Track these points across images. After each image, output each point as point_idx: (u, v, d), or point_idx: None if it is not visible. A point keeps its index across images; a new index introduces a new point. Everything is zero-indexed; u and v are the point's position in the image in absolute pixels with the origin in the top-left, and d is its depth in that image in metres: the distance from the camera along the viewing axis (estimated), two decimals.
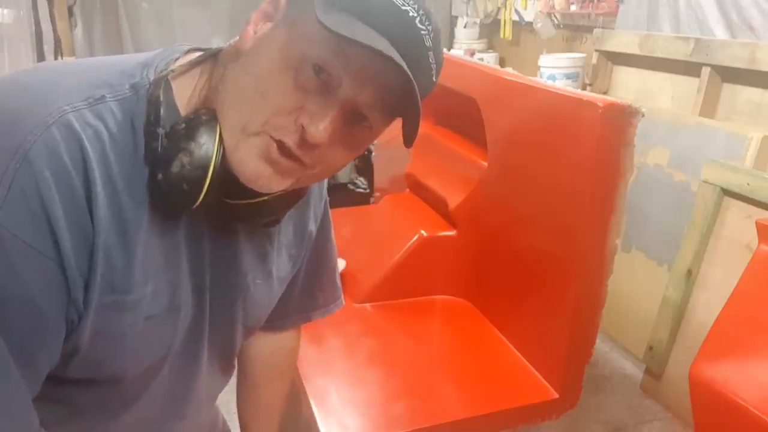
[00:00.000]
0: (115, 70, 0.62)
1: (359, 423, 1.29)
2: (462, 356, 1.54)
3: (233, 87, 0.60)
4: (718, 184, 1.84)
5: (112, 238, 0.58)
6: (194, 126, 0.59)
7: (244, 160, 0.60)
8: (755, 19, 2.08)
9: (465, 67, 1.83)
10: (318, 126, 0.57)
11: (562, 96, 1.36)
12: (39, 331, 0.57)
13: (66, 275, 0.56)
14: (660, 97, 2.46)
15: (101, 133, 0.57)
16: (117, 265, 0.59)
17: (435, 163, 1.94)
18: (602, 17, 2.76)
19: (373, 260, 1.78)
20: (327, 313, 0.98)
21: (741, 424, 1.18)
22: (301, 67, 0.57)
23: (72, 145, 0.55)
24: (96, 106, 0.58)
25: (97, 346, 0.62)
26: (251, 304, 0.79)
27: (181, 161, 0.58)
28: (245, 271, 0.75)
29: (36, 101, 0.56)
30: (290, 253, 0.83)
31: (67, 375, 0.64)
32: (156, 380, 0.72)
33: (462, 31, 3.77)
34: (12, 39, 2.38)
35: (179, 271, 0.67)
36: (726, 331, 1.33)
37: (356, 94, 0.58)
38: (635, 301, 2.16)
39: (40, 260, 0.55)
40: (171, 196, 0.60)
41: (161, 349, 0.69)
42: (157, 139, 0.59)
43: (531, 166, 1.49)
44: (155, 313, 0.65)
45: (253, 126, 0.59)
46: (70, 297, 0.58)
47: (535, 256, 1.48)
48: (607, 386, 2.15)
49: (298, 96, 0.58)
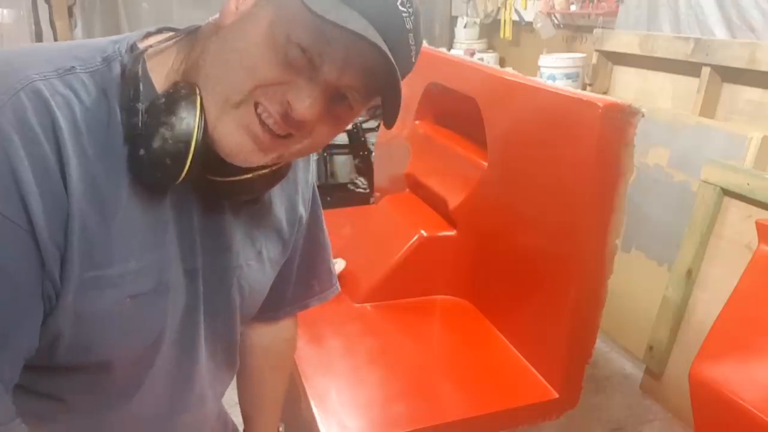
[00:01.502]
0: (87, 47, 0.62)
1: (359, 423, 1.29)
2: (462, 356, 1.54)
3: (216, 60, 0.60)
4: (718, 184, 1.84)
5: (87, 208, 0.57)
6: (175, 100, 0.59)
7: (226, 133, 0.60)
8: (755, 19, 2.08)
9: (465, 67, 1.84)
10: (304, 102, 0.58)
11: (562, 96, 1.36)
12: (13, 306, 0.56)
13: (38, 244, 0.55)
14: (660, 97, 2.46)
15: (71, 101, 0.57)
16: (94, 237, 0.58)
17: (435, 163, 1.94)
18: (602, 17, 2.76)
19: (373, 260, 1.78)
20: (323, 300, 0.98)
21: (741, 424, 1.18)
22: (287, 46, 0.58)
23: (41, 111, 0.54)
24: (65, 76, 0.57)
25: (82, 328, 0.61)
26: (246, 287, 0.78)
27: (162, 135, 0.58)
28: (236, 253, 0.74)
29: (6, 72, 0.56)
30: (281, 236, 0.83)
31: (56, 362, 0.62)
32: (152, 370, 0.70)
33: (462, 31, 3.77)
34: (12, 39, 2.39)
35: (167, 250, 0.66)
36: (726, 331, 1.33)
37: (338, 77, 0.59)
38: (635, 301, 2.16)
39: (9, 227, 0.53)
40: (154, 172, 0.59)
41: (151, 332, 0.67)
42: (136, 115, 0.58)
43: (531, 166, 1.48)
44: (140, 291, 0.63)
45: (236, 95, 0.59)
46: (45, 269, 0.56)
47: (535, 256, 1.48)
48: (607, 386, 2.16)
49: (284, 72, 0.58)
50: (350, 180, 3.70)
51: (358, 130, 3.49)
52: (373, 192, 2.61)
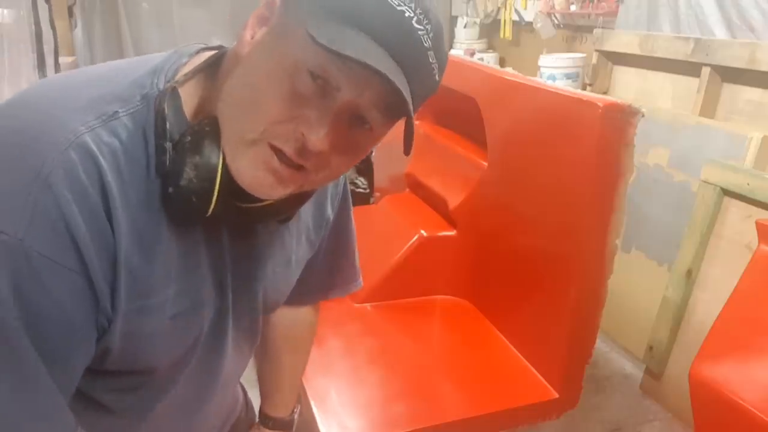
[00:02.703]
0: (126, 80, 0.62)
1: (359, 423, 1.29)
2: (462, 356, 1.54)
3: (230, 97, 0.61)
4: (718, 184, 1.84)
5: (132, 248, 0.60)
6: (198, 138, 0.60)
7: (244, 170, 0.60)
8: (755, 19, 2.08)
9: (465, 67, 1.83)
10: (318, 133, 0.57)
11: (562, 96, 1.36)
12: (71, 338, 0.60)
13: (93, 287, 0.59)
14: (660, 97, 2.46)
15: (116, 149, 0.58)
16: (138, 273, 0.61)
17: (435, 163, 1.94)
18: (602, 17, 2.76)
19: (373, 260, 1.78)
20: (346, 292, 1.01)
21: (741, 424, 1.18)
22: (297, 74, 0.57)
23: (88, 165, 0.56)
24: (111, 122, 0.59)
25: (129, 345, 0.65)
26: (272, 291, 0.82)
27: (188, 175, 0.60)
28: (265, 262, 0.77)
29: (49, 121, 0.57)
30: (309, 239, 0.86)
31: (104, 368, 0.67)
32: (186, 369, 0.75)
33: (462, 31, 3.77)
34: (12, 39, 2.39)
35: (200, 271, 0.69)
36: (726, 331, 1.33)
37: (355, 98, 0.58)
38: (635, 301, 2.16)
39: (68, 275, 0.57)
40: (182, 208, 0.62)
41: (188, 342, 0.72)
42: (165, 153, 0.60)
43: (531, 166, 1.49)
44: (179, 311, 0.67)
45: (250, 135, 0.59)
46: (99, 306, 0.60)
47: (535, 256, 1.48)
48: (607, 386, 2.15)
49: (295, 103, 0.57)
50: (350, 180, 3.70)
51: None
52: (373, 192, 2.61)
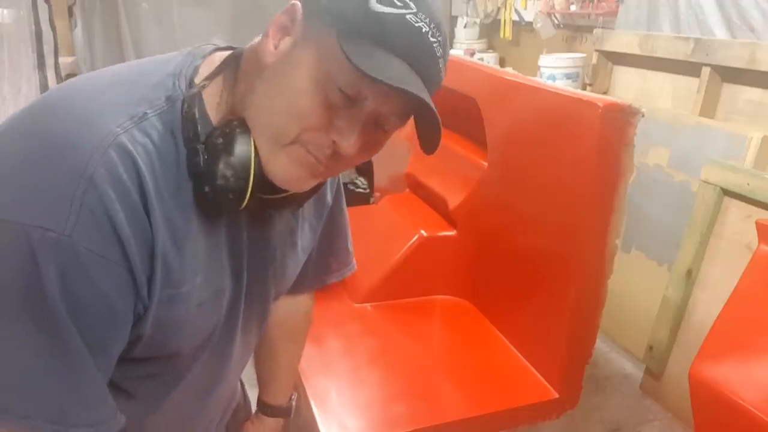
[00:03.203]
0: (149, 82, 0.67)
1: (359, 423, 1.29)
2: (462, 356, 1.54)
3: (264, 103, 0.66)
4: (718, 184, 1.84)
5: (166, 242, 0.65)
6: (231, 139, 0.66)
7: (283, 168, 0.67)
8: (755, 19, 2.08)
9: (465, 67, 1.83)
10: (349, 141, 0.65)
11: (562, 96, 1.36)
12: (113, 327, 0.65)
13: (134, 277, 0.64)
14: (660, 97, 2.46)
15: (149, 148, 0.63)
16: (171, 265, 0.67)
17: (435, 163, 1.94)
18: (602, 17, 2.76)
19: (373, 260, 1.78)
20: (340, 276, 1.05)
21: (741, 424, 1.18)
22: (329, 88, 0.63)
23: (128, 164, 0.61)
24: (141, 123, 0.63)
25: (158, 332, 0.70)
26: (281, 275, 0.87)
27: (224, 174, 0.65)
28: (274, 247, 0.83)
29: (86, 125, 0.61)
30: (312, 225, 0.92)
31: (132, 356, 0.71)
32: (204, 353, 0.80)
33: (462, 31, 3.77)
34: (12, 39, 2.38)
35: (221, 260, 0.75)
36: (726, 331, 1.33)
37: (380, 107, 0.65)
38: (635, 301, 2.16)
39: (113, 269, 0.62)
40: (218, 206, 0.68)
41: (210, 327, 0.78)
42: (198, 155, 0.65)
43: (531, 166, 1.49)
44: (205, 299, 0.73)
45: (286, 139, 0.65)
46: (138, 294, 0.65)
47: (535, 256, 1.48)
48: (607, 386, 2.15)
49: (327, 114, 0.64)
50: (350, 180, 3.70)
51: None
52: (373, 192, 2.61)
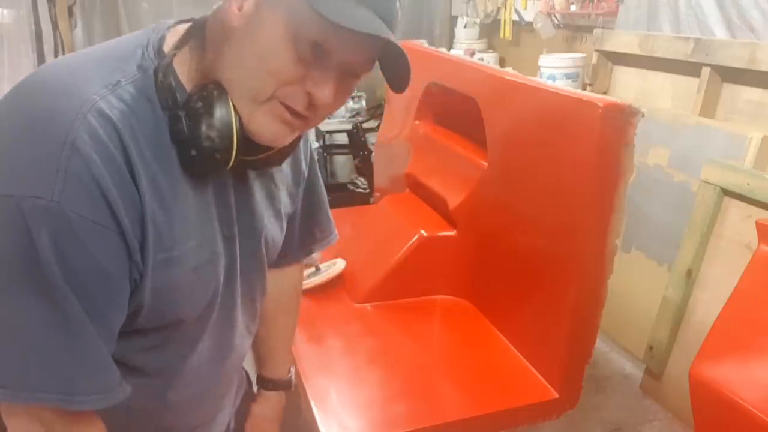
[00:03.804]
0: (119, 56, 0.70)
1: (359, 423, 1.29)
2: (462, 356, 1.54)
3: (237, 65, 0.68)
4: (718, 184, 1.84)
5: (154, 204, 0.67)
6: (210, 103, 0.68)
7: (263, 125, 0.70)
8: (755, 19, 2.08)
9: (465, 67, 1.84)
10: (324, 90, 0.68)
11: (562, 96, 1.36)
12: (110, 293, 0.67)
13: (126, 242, 0.66)
14: (660, 97, 2.46)
15: (125, 112, 0.65)
16: (161, 228, 0.68)
17: (435, 163, 1.94)
18: (602, 17, 2.76)
19: (373, 260, 1.78)
20: (325, 245, 1.10)
21: (741, 424, 1.18)
22: (299, 42, 0.66)
23: (108, 128, 0.63)
24: (116, 90, 0.66)
25: (158, 299, 0.72)
26: (270, 242, 0.90)
27: (209, 136, 0.68)
28: (261, 215, 0.86)
29: (64, 97, 0.63)
30: (290, 192, 0.95)
31: (137, 326, 0.74)
32: (210, 322, 0.82)
33: (462, 31, 3.77)
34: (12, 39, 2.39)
35: (213, 224, 0.77)
36: (726, 331, 1.33)
37: (352, 57, 0.68)
38: (635, 301, 2.16)
39: (104, 233, 0.63)
40: (206, 167, 0.70)
41: (210, 293, 0.79)
42: (180, 121, 0.68)
43: (531, 166, 1.49)
44: (200, 263, 0.75)
45: (263, 96, 0.68)
46: (132, 259, 0.67)
47: (535, 256, 1.48)
48: (607, 386, 2.15)
49: (300, 68, 0.67)
50: (350, 180, 3.70)
51: (358, 130, 3.49)
52: (373, 192, 2.61)
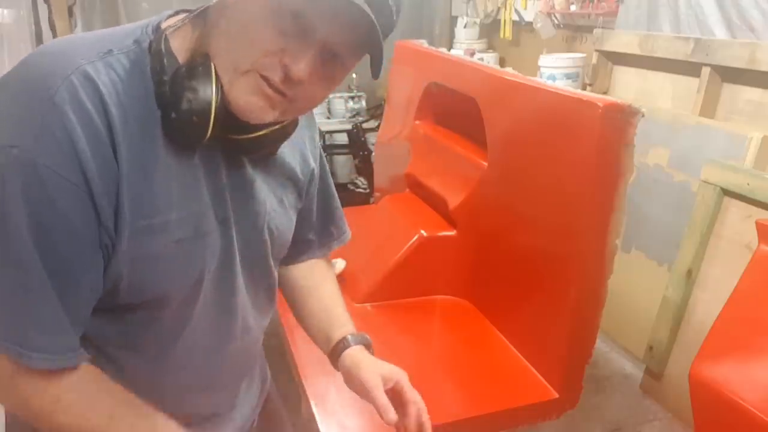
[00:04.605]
0: (119, 33, 0.73)
1: (359, 423, 1.29)
2: (462, 356, 1.54)
3: (224, 34, 0.70)
4: (718, 184, 1.84)
5: (133, 172, 0.68)
6: (193, 68, 0.69)
7: (239, 95, 0.70)
8: (755, 19, 2.08)
9: (465, 67, 1.84)
10: (299, 65, 0.68)
11: (562, 96, 1.36)
12: (76, 252, 0.67)
13: (95, 201, 0.66)
14: (660, 97, 2.46)
15: (114, 79, 0.67)
16: (140, 192, 0.69)
17: (435, 163, 1.94)
18: (602, 17, 2.76)
19: (373, 260, 1.78)
20: (342, 242, 1.11)
21: (741, 423, 1.18)
22: (281, 14, 0.67)
23: (90, 90, 0.65)
24: (106, 58, 0.68)
25: (138, 270, 0.72)
26: (275, 231, 0.89)
27: (188, 98, 0.68)
28: (263, 201, 0.85)
29: (56, 61, 0.66)
30: (296, 185, 0.94)
31: (118, 302, 0.74)
32: (197, 306, 0.81)
33: (462, 31, 3.77)
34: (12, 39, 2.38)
35: (201, 203, 0.77)
36: (726, 331, 1.33)
37: (330, 36, 0.68)
38: (635, 301, 2.16)
39: (72, 190, 0.64)
40: (184, 130, 0.70)
41: (194, 271, 0.78)
42: (164, 86, 0.69)
43: (531, 166, 1.49)
44: (183, 236, 0.74)
45: (243, 66, 0.69)
46: (101, 222, 0.67)
47: (535, 256, 1.48)
48: (607, 386, 2.16)
49: (279, 40, 0.67)
50: (350, 180, 3.70)
51: (358, 130, 3.49)
52: (373, 192, 2.62)
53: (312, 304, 1.05)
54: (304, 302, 1.05)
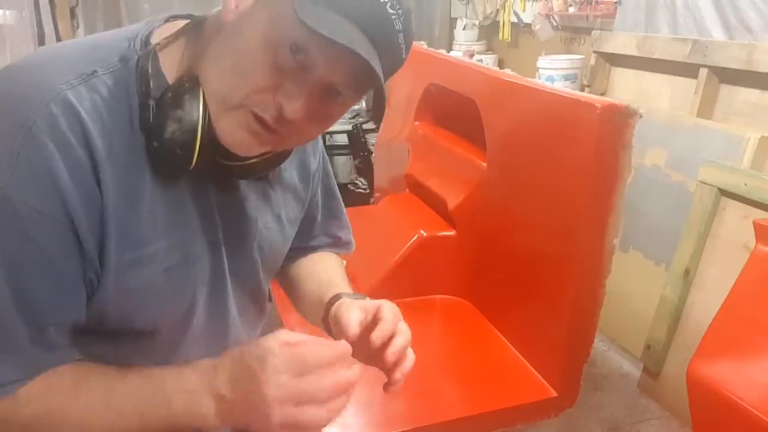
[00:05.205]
0: (104, 46, 0.67)
1: (359, 422, 1.29)
2: (461, 355, 1.55)
3: (216, 60, 0.65)
4: (715, 185, 1.85)
5: (119, 201, 0.64)
6: (179, 94, 0.64)
7: (226, 130, 0.65)
8: (753, 21, 2.09)
9: (464, 69, 1.85)
10: (294, 105, 0.63)
11: (561, 97, 1.37)
12: (59, 287, 0.63)
13: (78, 235, 0.62)
14: (658, 98, 2.47)
15: (98, 104, 0.62)
16: (127, 224, 0.65)
17: (434, 164, 1.95)
18: (600, 19, 2.77)
19: (373, 260, 1.79)
20: (349, 249, 1.06)
21: (738, 422, 1.19)
22: (279, 48, 0.62)
23: (71, 119, 0.60)
24: (89, 80, 0.63)
25: (125, 300, 0.68)
26: (266, 248, 0.85)
27: (172, 128, 0.64)
28: (254, 219, 0.81)
29: (34, 83, 0.61)
30: (298, 197, 0.90)
31: (107, 328, 0.70)
32: (190, 330, 0.78)
33: (461, 32, 3.78)
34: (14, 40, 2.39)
35: (190, 227, 0.73)
36: (723, 331, 1.34)
37: (330, 74, 0.63)
38: (633, 300, 2.17)
39: (50, 224, 0.60)
40: (168, 160, 0.65)
41: (185, 298, 0.75)
42: (148, 110, 0.64)
43: (530, 166, 1.50)
44: (171, 264, 0.70)
45: (233, 100, 0.64)
46: (85, 256, 0.63)
47: (534, 256, 1.49)
48: (606, 385, 2.16)
49: (275, 76, 0.63)
50: (350, 180, 3.71)
51: (358, 130, 3.50)
52: (373, 192, 2.62)
53: (308, 284, 0.96)
54: (301, 285, 0.97)
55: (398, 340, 0.80)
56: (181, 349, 0.78)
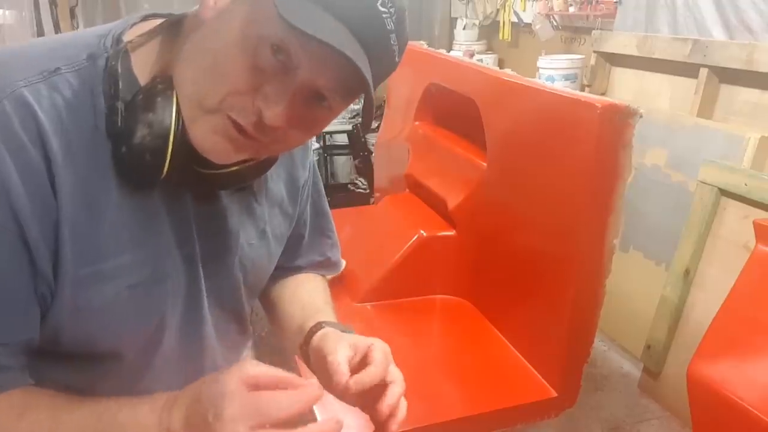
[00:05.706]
0: (74, 43, 0.62)
1: (359, 422, 1.29)
2: (461, 355, 1.55)
3: (192, 60, 0.60)
4: (715, 185, 1.85)
5: (78, 209, 0.58)
6: (151, 96, 0.59)
7: (200, 135, 0.60)
8: (753, 21, 2.09)
9: (464, 69, 1.84)
10: (274, 110, 0.58)
11: (561, 97, 1.37)
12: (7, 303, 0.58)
13: (29, 247, 0.57)
14: (658, 98, 2.47)
15: (57, 103, 0.57)
16: (86, 236, 0.59)
17: (434, 164, 1.95)
18: (600, 19, 2.77)
19: (373, 260, 1.79)
20: (337, 270, 1.00)
21: (738, 422, 1.19)
22: (260, 48, 0.56)
23: (25, 118, 0.55)
24: (51, 78, 0.58)
25: (82, 321, 0.62)
26: (249, 265, 0.79)
27: (141, 133, 0.59)
28: (236, 233, 0.75)
29: None
30: (285, 212, 0.84)
31: (63, 351, 0.64)
32: (159, 352, 0.72)
33: (461, 32, 3.78)
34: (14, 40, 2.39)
35: (162, 240, 0.67)
36: (723, 331, 1.34)
37: (315, 77, 0.58)
38: (633, 300, 2.17)
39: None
40: (137, 168, 0.60)
41: (153, 318, 0.69)
42: (116, 113, 0.59)
43: (530, 166, 1.49)
44: (137, 281, 0.65)
45: (209, 103, 0.59)
46: (37, 268, 0.58)
47: (534, 256, 1.48)
48: (606, 385, 2.16)
49: (255, 77, 0.57)
50: (350, 180, 3.71)
51: (358, 130, 3.50)
52: (373, 192, 2.62)
53: (290, 307, 0.89)
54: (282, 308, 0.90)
55: (394, 389, 0.71)
56: (150, 374, 0.72)
